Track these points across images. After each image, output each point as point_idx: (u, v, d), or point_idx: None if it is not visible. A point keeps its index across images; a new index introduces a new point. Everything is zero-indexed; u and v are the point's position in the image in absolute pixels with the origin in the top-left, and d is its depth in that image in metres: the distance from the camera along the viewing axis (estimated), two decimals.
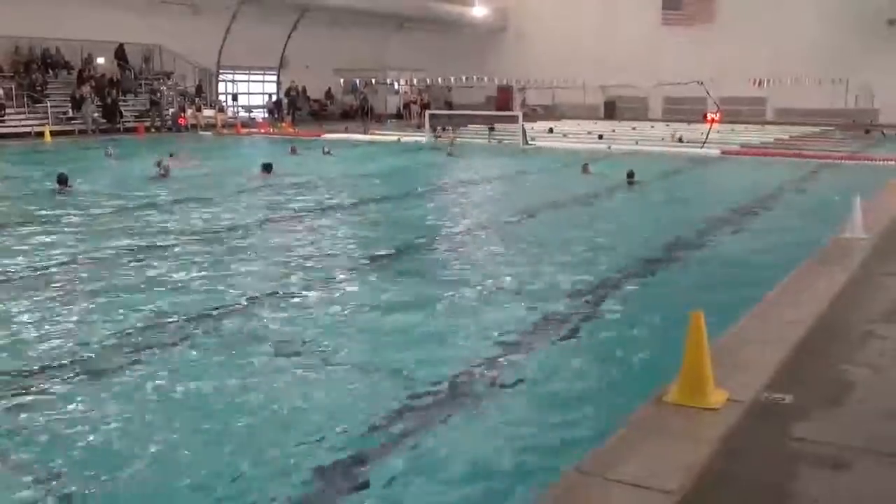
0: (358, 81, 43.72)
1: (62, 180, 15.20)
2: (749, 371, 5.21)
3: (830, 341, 5.97)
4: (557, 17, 42.65)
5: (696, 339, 4.74)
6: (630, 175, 16.48)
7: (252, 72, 39.78)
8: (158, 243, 10.50)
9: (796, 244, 10.04)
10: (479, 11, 43.17)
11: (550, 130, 31.24)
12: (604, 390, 5.64)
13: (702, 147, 24.62)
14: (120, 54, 32.93)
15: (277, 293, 7.97)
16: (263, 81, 40.69)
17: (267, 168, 17.94)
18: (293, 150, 23.17)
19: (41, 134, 26.92)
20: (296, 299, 7.83)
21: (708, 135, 25.52)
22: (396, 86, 44.18)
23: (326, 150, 23.65)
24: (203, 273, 8.85)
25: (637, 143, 26.42)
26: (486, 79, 39.89)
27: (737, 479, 3.87)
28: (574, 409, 5.27)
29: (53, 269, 8.99)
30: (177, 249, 10.11)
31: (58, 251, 9.91)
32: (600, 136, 28.76)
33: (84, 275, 8.77)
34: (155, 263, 9.26)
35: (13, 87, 28.66)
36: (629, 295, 8.09)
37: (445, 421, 5.09)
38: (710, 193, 17.27)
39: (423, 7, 40.52)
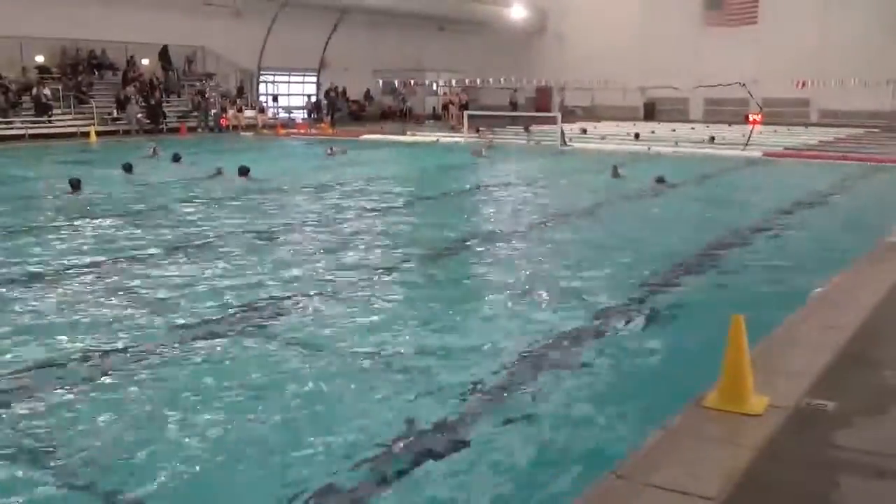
0: (397, 83, 43.92)
1: (74, 184, 15.04)
2: (791, 377, 5.14)
3: (875, 347, 5.86)
4: (597, 18, 42.35)
5: (736, 342, 4.69)
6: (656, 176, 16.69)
7: (292, 73, 40.18)
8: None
9: (841, 247, 9.88)
10: (517, 12, 43.05)
11: (584, 131, 30.89)
12: (642, 396, 5.59)
13: (744, 149, 24.29)
14: (164, 56, 33.47)
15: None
16: (303, 83, 41.07)
17: (243, 171, 17.18)
18: (331, 152, 23.00)
19: (87, 134, 27.48)
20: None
21: (750, 136, 25.17)
22: (435, 87, 44.27)
23: (331, 150, 23.03)
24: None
25: (676, 144, 26.15)
26: (524, 80, 39.78)
27: (777, 487, 3.82)
28: (610, 417, 5.24)
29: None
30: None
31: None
32: (637, 136, 28.51)
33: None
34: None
35: (60, 88, 29.29)
36: (669, 299, 7.99)
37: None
38: (753, 195, 16.97)
39: (461, 8, 40.53)
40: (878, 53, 34.48)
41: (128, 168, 18.09)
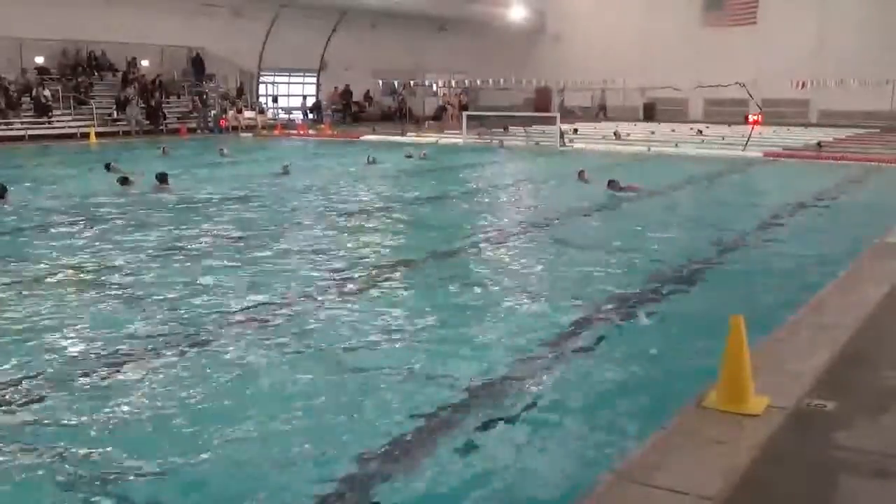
0: (396, 83, 43.92)
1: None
2: (791, 377, 5.13)
3: (875, 347, 5.86)
4: (596, 19, 42.38)
5: (736, 342, 4.68)
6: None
7: (292, 74, 40.17)
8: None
9: (841, 248, 9.87)
10: (517, 13, 43.09)
11: (575, 131, 30.56)
12: (641, 396, 5.58)
13: (743, 149, 24.29)
14: (196, 63, 34.01)
15: None
16: (303, 83, 41.05)
17: (162, 178, 15.60)
18: (371, 160, 20.73)
19: (87, 135, 27.47)
20: None
21: (750, 137, 25.16)
22: (435, 87, 44.27)
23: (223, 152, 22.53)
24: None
25: (676, 144, 26.12)
26: (524, 81, 39.79)
27: (777, 487, 3.81)
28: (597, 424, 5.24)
29: None
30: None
31: None
32: (616, 134, 28.94)
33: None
34: None
35: (60, 89, 29.30)
36: (668, 298, 7.99)
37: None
38: (753, 196, 16.96)
39: (461, 9, 40.55)
40: (878, 53, 34.48)
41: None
